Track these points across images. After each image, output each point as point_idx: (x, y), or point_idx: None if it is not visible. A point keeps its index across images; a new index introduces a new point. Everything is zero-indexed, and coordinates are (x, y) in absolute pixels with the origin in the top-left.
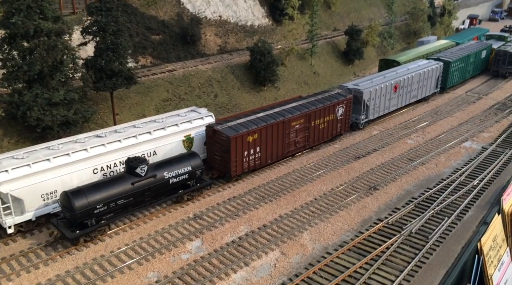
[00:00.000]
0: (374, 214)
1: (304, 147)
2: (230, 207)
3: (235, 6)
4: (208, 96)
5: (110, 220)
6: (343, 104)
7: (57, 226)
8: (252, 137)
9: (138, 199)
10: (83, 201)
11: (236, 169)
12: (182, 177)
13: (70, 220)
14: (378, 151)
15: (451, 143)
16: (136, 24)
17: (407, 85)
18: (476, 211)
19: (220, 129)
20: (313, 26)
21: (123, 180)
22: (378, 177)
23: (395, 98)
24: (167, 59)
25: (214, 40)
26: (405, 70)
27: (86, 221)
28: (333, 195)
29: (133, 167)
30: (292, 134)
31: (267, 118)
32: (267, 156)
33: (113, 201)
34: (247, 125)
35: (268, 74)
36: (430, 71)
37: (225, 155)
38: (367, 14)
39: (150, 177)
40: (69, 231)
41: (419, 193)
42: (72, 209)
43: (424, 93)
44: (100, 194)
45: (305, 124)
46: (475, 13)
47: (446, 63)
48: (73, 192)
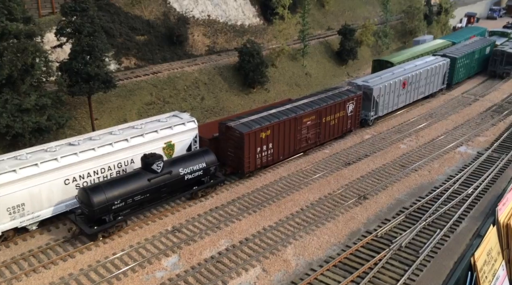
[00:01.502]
0: (363, 226)
1: (315, 143)
2: (211, 218)
3: (225, 5)
4: (194, 99)
5: (127, 216)
6: (353, 101)
7: (75, 222)
8: (265, 134)
9: (154, 195)
10: (101, 197)
11: (249, 166)
12: (196, 173)
13: (88, 216)
14: (370, 157)
15: (446, 148)
16: (120, 24)
17: (415, 81)
18: (470, 222)
19: (233, 126)
20: (305, 26)
21: (139, 176)
22: (368, 185)
23: (404, 95)
24: (152, 61)
25: (202, 40)
26: (413, 66)
27: (104, 217)
28: (321, 205)
29: (150, 164)
30: (304, 131)
31: (279, 114)
32: (279, 152)
33: (130, 197)
34: (260, 121)
35: (257, 76)
36: (437, 67)
37: (238, 152)
38: (362, 13)
39: (166, 173)
40: (88, 227)
41: (410, 203)
42: (91, 205)
43: (432, 90)
44: (118, 190)
45: (316, 121)
46: (473, 11)
47: (453, 60)
48: (91, 188)
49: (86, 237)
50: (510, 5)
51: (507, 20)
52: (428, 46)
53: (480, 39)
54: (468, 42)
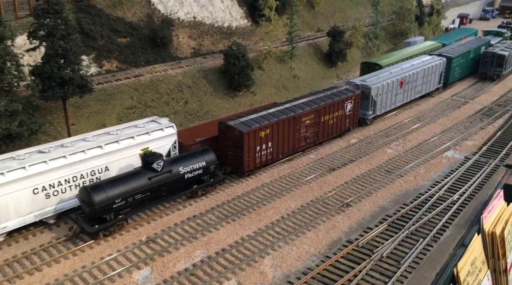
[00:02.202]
0: (344, 235)
1: (313, 142)
2: (188, 228)
3: (211, 7)
4: (177, 103)
5: (128, 214)
6: (352, 100)
7: (76, 221)
8: (265, 132)
9: (154, 194)
10: (103, 196)
11: (249, 164)
12: (196, 172)
13: (89, 215)
14: (355, 162)
15: (432, 153)
16: (101, 26)
17: (412, 80)
18: (454, 230)
19: (233, 125)
20: (293, 28)
21: (140, 175)
22: (352, 191)
23: (401, 94)
24: (135, 63)
25: (188, 42)
26: (410, 65)
27: (105, 216)
28: (302, 213)
29: (150, 162)
30: (303, 130)
31: (279, 113)
32: (278, 151)
33: (131, 195)
34: (260, 120)
35: (242, 79)
36: (434, 66)
37: (238, 151)
38: (353, 14)
39: (166, 172)
40: (89, 226)
41: (394, 210)
42: (92, 204)
43: (428, 89)
44: (119, 189)
45: (315, 120)
46: (466, 12)
47: (449, 59)
48: (92, 187)
49: (87, 236)
50: (504, 5)
51: (500, 21)
52: (417, 48)
53: (475, 38)
54: (463, 42)
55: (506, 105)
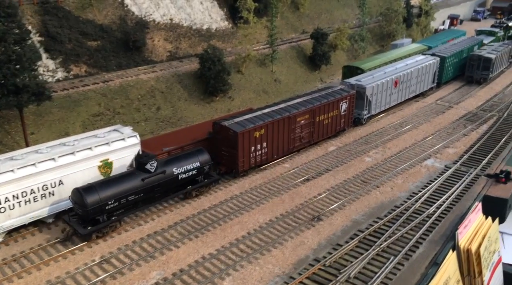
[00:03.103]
0: (312, 253)
1: (308, 142)
2: (146, 245)
3: (189, 8)
4: (149, 109)
5: (121, 216)
6: (347, 100)
7: (69, 223)
8: (259, 133)
9: (148, 195)
10: (95, 197)
11: (243, 165)
12: (190, 173)
13: (82, 216)
14: (331, 172)
15: (412, 161)
16: (69, 29)
17: (406, 80)
18: (428, 247)
19: (227, 125)
20: (273, 30)
21: (133, 176)
22: (325, 204)
23: (396, 93)
24: (106, 68)
25: (164, 45)
26: (404, 65)
27: (98, 217)
28: (270, 228)
29: (143, 163)
30: (298, 130)
31: (273, 113)
32: (273, 151)
33: (124, 197)
34: (254, 120)
35: (218, 84)
36: (428, 66)
37: (232, 151)
38: (340, 15)
39: (160, 173)
40: (82, 227)
41: (367, 225)
42: (84, 205)
43: (422, 88)
44: (112, 190)
45: (310, 120)
46: (457, 13)
47: (442, 59)
48: (85, 188)
49: (80, 238)
50: (495, 6)
51: (491, 21)
52: (401, 51)
53: (468, 38)
54: (456, 41)
55: (491, 110)
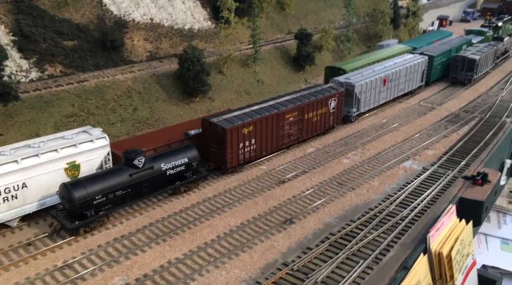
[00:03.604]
0: (281, 257)
1: (297, 139)
2: (112, 250)
3: (171, 8)
4: (125, 110)
5: (109, 211)
6: (335, 97)
7: (56, 218)
8: (248, 129)
9: (136, 191)
10: (83, 192)
11: (232, 161)
12: (178, 168)
13: (69, 211)
14: (307, 174)
15: (390, 163)
16: (44, 28)
17: (395, 78)
18: (399, 250)
19: (216, 122)
20: (255, 30)
21: (121, 172)
22: (298, 206)
23: (384, 91)
24: (82, 68)
25: (143, 45)
26: (393, 64)
27: (85, 212)
28: (240, 232)
29: (131, 159)
30: (286, 127)
31: (262, 110)
32: (261, 148)
33: (112, 192)
34: (243, 117)
35: (197, 84)
36: (416, 65)
37: (221, 147)
38: (327, 16)
39: (148, 168)
40: (69, 222)
41: (339, 227)
42: (71, 200)
43: (411, 87)
44: (99, 185)
45: (298, 117)
46: (446, 13)
47: (430, 57)
48: (72, 183)
49: (68, 232)
50: (485, 7)
51: (481, 22)
52: (385, 52)
53: (456, 37)
54: (445, 40)
55: (473, 112)
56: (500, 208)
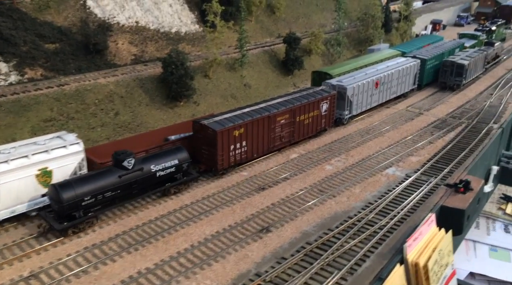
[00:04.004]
0: (255, 267)
1: (289, 142)
2: (81, 260)
3: (157, 11)
4: (106, 114)
5: (98, 212)
6: (327, 100)
7: (45, 218)
8: (238, 132)
9: (125, 192)
10: (71, 193)
11: (222, 163)
12: (169, 170)
13: (58, 212)
14: (289, 180)
15: (373, 170)
16: (25, 31)
17: (387, 81)
18: (375, 260)
19: (206, 124)
20: (242, 34)
21: (110, 173)
22: (276, 214)
23: (377, 94)
24: (64, 71)
25: (128, 48)
26: (385, 67)
27: (74, 213)
28: (215, 240)
29: (120, 160)
30: (278, 129)
31: (253, 113)
32: (253, 150)
33: (101, 193)
34: (234, 119)
35: (180, 88)
36: (408, 68)
37: (211, 149)
38: (318, 20)
39: (137, 170)
40: (57, 223)
41: (316, 236)
42: (60, 201)
43: (403, 90)
44: (88, 186)
45: (290, 119)
46: (440, 18)
47: (423, 61)
48: (61, 184)
49: (56, 233)
50: (479, 11)
51: (474, 27)
52: (374, 57)
53: (449, 41)
54: (438, 44)
55: (461, 117)
56: (490, 215)
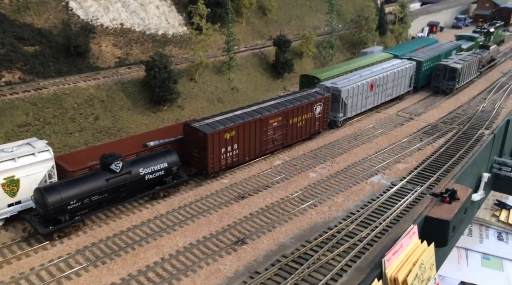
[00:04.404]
0: (226, 282)
1: (282, 144)
2: (45, 274)
3: (144, 13)
4: (85, 119)
5: (85, 216)
6: (321, 103)
7: (30, 222)
8: (229, 134)
9: (113, 195)
10: (56, 197)
11: (213, 166)
12: (158, 173)
13: (43, 216)
14: (270, 189)
15: (357, 178)
16: (3, 33)
17: (382, 83)
18: (353, 275)
19: (197, 126)
20: (230, 37)
21: (97, 177)
22: (254, 225)
23: (372, 97)
24: (44, 75)
25: (112, 51)
26: (380, 69)
27: (60, 217)
28: (187, 253)
29: (108, 164)
30: (270, 132)
31: (245, 115)
32: (245, 153)
33: (87, 197)
34: (224, 122)
35: (163, 92)
36: (404, 70)
37: (202, 152)
38: (312, 22)
39: (125, 173)
40: (42, 227)
41: (293, 249)
42: (45, 205)
43: (399, 92)
44: (74, 190)
45: (283, 122)
46: (437, 20)
47: (418, 63)
48: (46, 188)
49: (42, 237)
50: (478, 14)
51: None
52: (364, 61)
53: (446, 43)
54: (434, 46)
55: (452, 123)
56: (483, 222)
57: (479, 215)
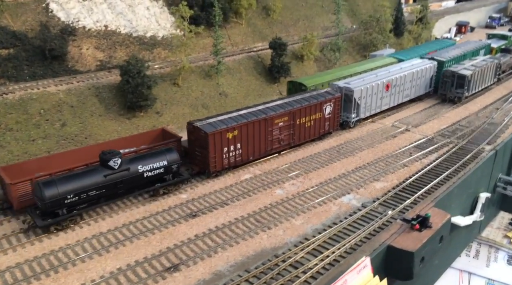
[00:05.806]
0: None
1: (289, 144)
2: None
3: (132, 14)
4: (51, 125)
5: (82, 210)
6: (331, 103)
7: (30, 214)
8: (232, 134)
9: (111, 191)
10: (54, 191)
11: (215, 165)
12: (157, 171)
13: (41, 209)
14: (227, 206)
15: (326, 197)
16: None
17: (399, 84)
18: None
19: (199, 125)
20: (218, 40)
21: (96, 172)
22: (194, 249)
23: (387, 97)
24: (16, 78)
25: (94, 54)
26: (398, 69)
27: (57, 211)
28: (112, 279)
29: (106, 160)
30: (276, 132)
31: (249, 115)
32: (248, 153)
33: (85, 192)
34: (227, 122)
35: (136, 98)
36: (423, 70)
37: (204, 151)
38: (322, 22)
39: (124, 170)
40: (40, 220)
41: (228, 279)
42: (42, 199)
43: (418, 93)
44: (72, 185)
45: (289, 122)
46: (467, 19)
47: (440, 63)
48: (44, 182)
49: (40, 229)
50: None
51: (508, 28)
52: (363, 66)
53: (474, 41)
54: (460, 44)
55: (451, 136)
56: (493, 243)
57: (490, 235)
